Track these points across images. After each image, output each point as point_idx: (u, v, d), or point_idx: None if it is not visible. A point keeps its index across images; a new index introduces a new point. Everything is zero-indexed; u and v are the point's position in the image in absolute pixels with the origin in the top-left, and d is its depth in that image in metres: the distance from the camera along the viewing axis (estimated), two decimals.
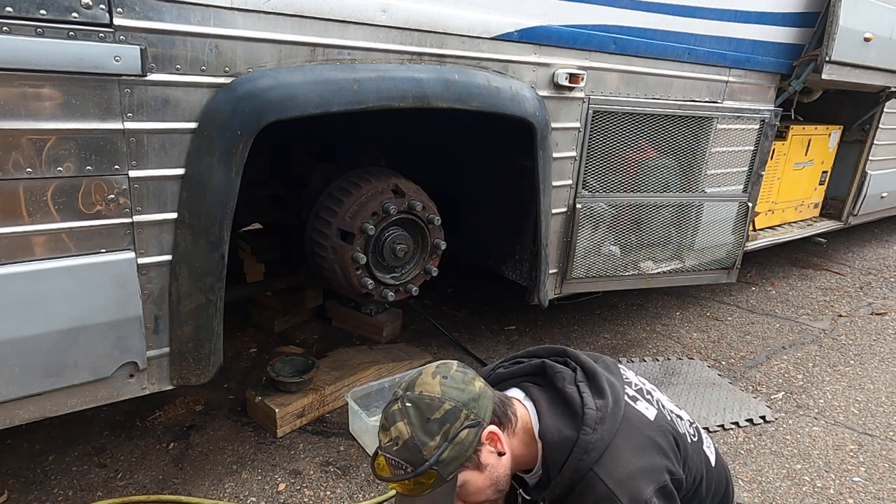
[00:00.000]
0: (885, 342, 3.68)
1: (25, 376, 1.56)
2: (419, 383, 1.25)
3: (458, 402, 1.21)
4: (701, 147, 3.08)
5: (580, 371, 1.35)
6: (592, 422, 1.25)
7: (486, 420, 1.24)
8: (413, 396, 1.23)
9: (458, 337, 3.31)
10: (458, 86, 2.10)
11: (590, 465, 1.22)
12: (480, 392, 1.25)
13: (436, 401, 1.21)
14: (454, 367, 1.29)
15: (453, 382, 1.24)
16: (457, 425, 1.20)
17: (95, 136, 1.51)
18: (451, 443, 1.19)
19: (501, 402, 1.30)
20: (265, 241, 3.15)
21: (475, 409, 1.22)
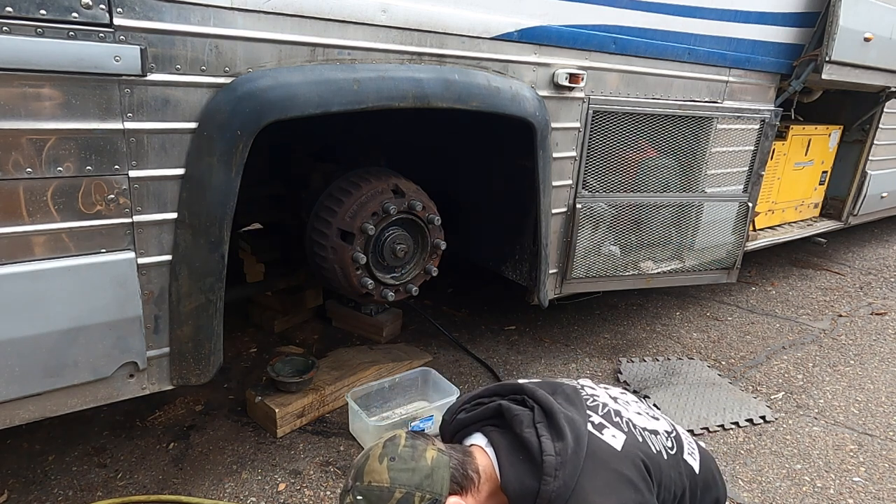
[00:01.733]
0: (885, 342, 3.68)
1: (25, 376, 1.56)
2: (367, 471, 1.19)
3: (409, 487, 1.17)
4: (701, 147, 3.08)
5: (538, 410, 1.31)
6: (552, 469, 1.21)
7: (445, 493, 1.20)
8: (363, 488, 1.18)
9: (458, 337, 3.31)
10: (458, 86, 2.10)
11: None
12: (433, 465, 1.20)
13: (385, 491, 1.17)
14: (402, 442, 1.22)
15: (402, 464, 1.18)
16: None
17: (95, 136, 1.51)
18: None
19: (461, 464, 1.24)
20: (265, 241, 3.15)
21: (430, 487, 1.18)
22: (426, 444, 1.23)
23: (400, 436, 1.24)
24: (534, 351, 3.28)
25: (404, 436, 1.24)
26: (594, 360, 3.24)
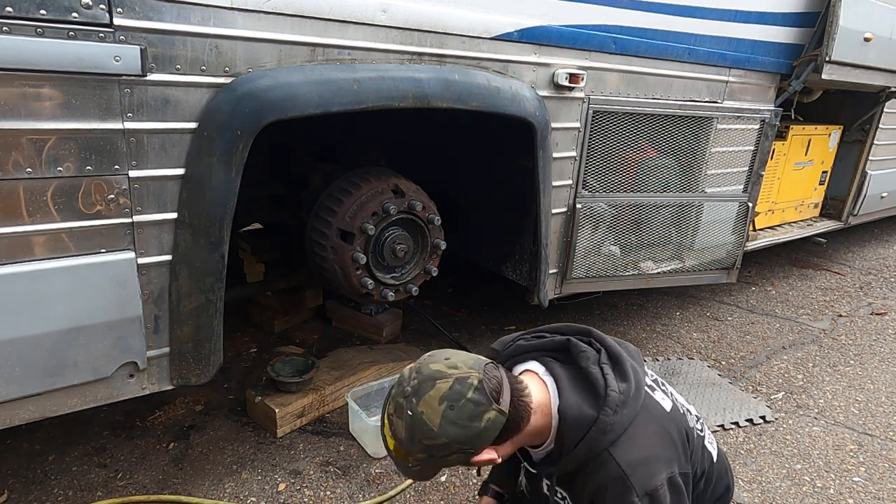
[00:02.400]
0: (885, 342, 3.68)
1: (25, 376, 1.56)
2: (424, 400, 1.17)
3: (452, 440, 1.16)
4: (701, 147, 3.08)
5: (604, 353, 1.33)
6: (614, 404, 1.23)
7: (483, 446, 1.20)
8: (415, 410, 1.17)
9: (458, 337, 3.31)
10: (458, 86, 2.10)
11: (606, 446, 1.21)
12: (486, 427, 1.17)
13: (430, 431, 1.16)
14: (469, 393, 1.16)
15: (457, 417, 1.15)
16: (445, 454, 1.19)
17: (95, 136, 1.51)
18: (437, 459, 1.20)
19: (515, 414, 1.22)
20: (265, 241, 3.15)
21: (471, 445, 1.18)
22: (489, 405, 1.17)
23: (472, 381, 1.17)
24: None
25: (475, 385, 1.17)
26: None
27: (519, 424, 1.23)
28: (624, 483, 1.18)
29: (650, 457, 1.22)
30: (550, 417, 1.28)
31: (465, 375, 1.17)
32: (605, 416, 1.22)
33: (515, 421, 1.22)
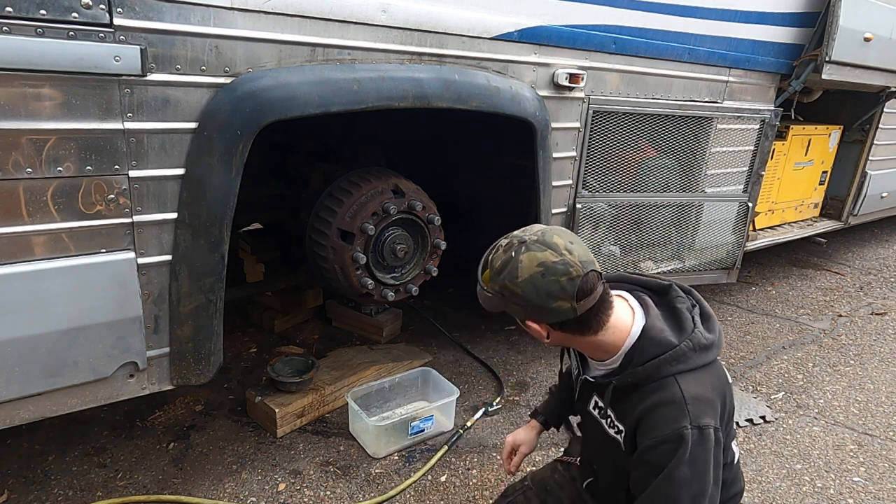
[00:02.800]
0: (885, 342, 3.68)
1: (25, 376, 1.56)
2: (530, 255, 1.22)
3: (522, 297, 1.23)
4: (701, 147, 3.08)
5: (699, 308, 1.36)
6: (696, 343, 1.26)
7: (541, 321, 1.26)
8: (517, 256, 1.23)
9: (458, 337, 3.31)
10: (458, 86, 2.10)
11: (673, 373, 1.24)
12: (553, 309, 1.22)
13: (514, 278, 1.23)
14: (563, 277, 1.20)
15: (540, 285, 1.21)
16: (512, 301, 1.25)
17: (95, 136, 1.51)
18: (505, 299, 1.26)
19: (587, 319, 1.26)
20: (265, 241, 3.15)
21: (533, 311, 1.25)
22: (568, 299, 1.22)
23: (572, 271, 1.21)
24: (534, 351, 3.27)
25: (571, 276, 1.21)
26: None
27: (582, 330, 1.28)
28: (681, 408, 1.20)
29: (710, 400, 1.24)
30: (625, 337, 1.30)
31: (570, 263, 1.21)
32: (685, 346, 1.25)
33: (580, 326, 1.27)
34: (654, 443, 1.21)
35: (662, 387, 1.24)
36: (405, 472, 2.30)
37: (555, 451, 2.44)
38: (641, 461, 1.24)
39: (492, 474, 2.31)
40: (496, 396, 2.79)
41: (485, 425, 2.61)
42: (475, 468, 2.34)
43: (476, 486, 2.24)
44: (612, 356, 1.32)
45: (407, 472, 2.29)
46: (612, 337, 1.30)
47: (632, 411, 1.27)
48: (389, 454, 2.38)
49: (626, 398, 1.29)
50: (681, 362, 1.25)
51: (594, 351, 1.34)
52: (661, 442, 1.20)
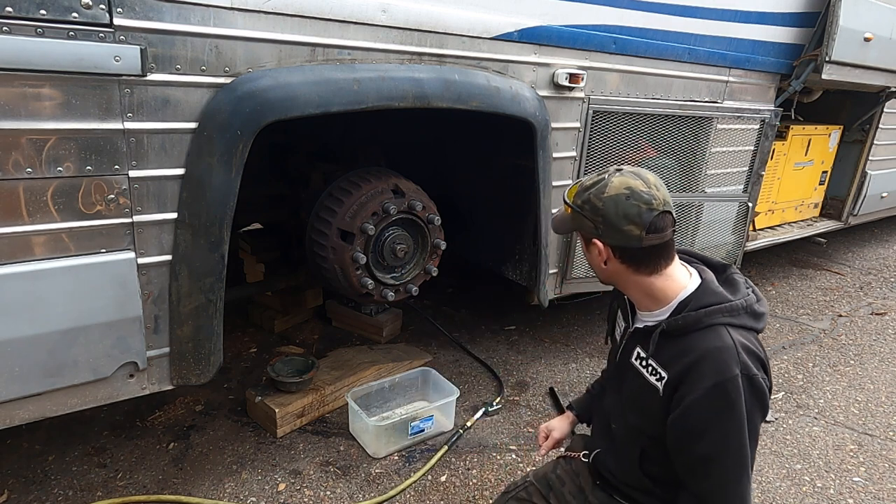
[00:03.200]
0: (885, 342, 3.68)
1: (25, 376, 1.56)
2: (623, 178, 1.29)
3: (602, 211, 1.29)
4: (701, 147, 3.08)
5: (753, 292, 1.37)
6: (749, 305, 1.30)
7: (607, 240, 1.31)
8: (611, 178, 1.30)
9: (458, 337, 3.31)
10: (458, 86, 2.10)
11: (725, 323, 1.25)
12: (623, 231, 1.28)
13: (601, 193, 1.29)
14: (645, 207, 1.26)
15: (621, 205, 1.27)
16: (588, 214, 1.31)
17: (95, 136, 1.51)
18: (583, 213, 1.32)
19: (647, 255, 1.30)
20: (265, 241, 3.15)
21: (604, 229, 1.30)
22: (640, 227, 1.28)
23: (654, 205, 1.27)
24: (534, 351, 3.27)
25: (652, 209, 1.26)
26: (594, 359, 3.24)
27: (639, 265, 1.32)
28: (732, 354, 1.21)
29: (759, 356, 1.25)
30: (679, 289, 1.33)
31: (655, 197, 1.28)
32: (740, 304, 1.28)
33: (640, 259, 1.31)
34: (703, 388, 1.21)
35: (713, 333, 1.24)
36: (405, 472, 2.30)
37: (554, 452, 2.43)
38: (688, 406, 1.23)
39: (492, 474, 2.31)
40: (496, 396, 2.79)
41: (485, 425, 2.61)
42: (475, 468, 2.34)
43: (476, 486, 2.24)
44: (663, 306, 1.34)
45: (407, 472, 2.30)
46: (666, 285, 1.33)
47: (679, 357, 1.27)
48: (389, 454, 2.38)
49: (672, 344, 1.29)
50: (734, 316, 1.27)
51: (644, 297, 1.36)
52: (711, 386, 1.20)
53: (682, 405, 1.24)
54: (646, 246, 1.28)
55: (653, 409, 1.31)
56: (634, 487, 1.44)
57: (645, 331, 1.37)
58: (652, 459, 1.38)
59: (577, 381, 3.01)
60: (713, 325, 1.25)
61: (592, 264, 1.40)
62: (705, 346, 1.23)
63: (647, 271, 1.32)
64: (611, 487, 1.51)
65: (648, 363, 1.34)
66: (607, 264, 1.35)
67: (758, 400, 1.22)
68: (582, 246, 1.42)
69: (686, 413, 1.23)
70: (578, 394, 2.89)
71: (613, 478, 1.49)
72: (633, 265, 1.32)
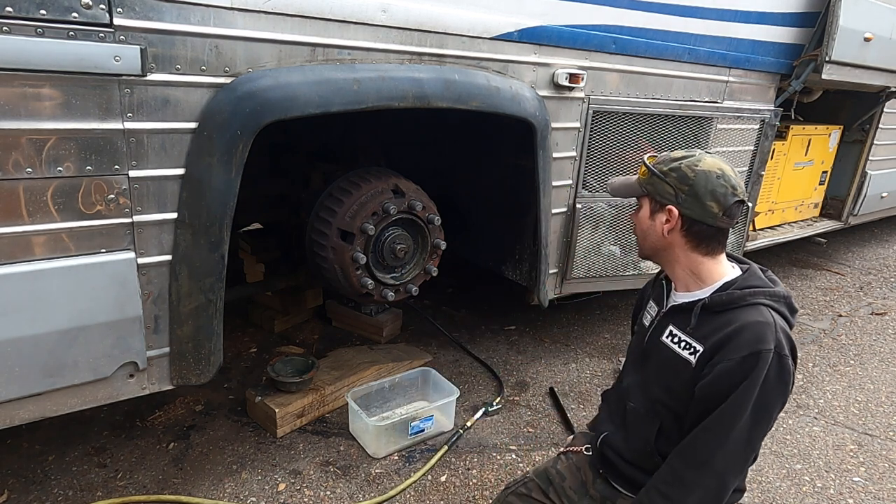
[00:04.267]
0: (885, 342, 3.68)
1: (25, 376, 1.56)
2: (720, 160, 1.37)
3: (692, 181, 1.34)
4: (701, 147, 3.08)
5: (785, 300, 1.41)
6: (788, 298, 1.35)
7: (684, 209, 1.36)
8: (706, 155, 1.38)
9: (458, 337, 3.31)
10: (458, 86, 2.10)
11: (768, 304, 1.31)
12: (700, 206, 1.34)
13: (694, 165, 1.35)
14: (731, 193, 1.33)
15: (710, 182, 1.33)
16: (673, 181, 1.36)
17: (95, 136, 1.51)
18: (665, 178, 1.37)
19: (711, 237, 1.37)
20: (265, 241, 3.15)
21: (685, 199, 1.35)
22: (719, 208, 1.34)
23: (738, 196, 1.34)
24: (534, 351, 3.27)
25: (737, 198, 1.34)
26: (594, 359, 3.24)
27: (701, 243, 1.38)
28: (771, 330, 1.26)
29: (794, 343, 1.30)
30: (723, 273, 1.39)
31: (739, 185, 1.36)
32: (782, 292, 1.34)
33: (703, 235, 1.37)
34: (738, 357, 1.25)
35: (756, 310, 1.29)
36: (405, 472, 2.30)
37: (554, 451, 2.43)
38: (719, 373, 1.27)
39: (492, 474, 2.31)
40: (496, 396, 2.79)
41: (485, 425, 2.61)
42: (475, 468, 2.34)
43: (476, 486, 2.24)
44: (705, 287, 1.39)
45: (407, 472, 2.30)
46: (713, 268, 1.39)
47: (718, 330, 1.31)
48: (389, 454, 2.38)
49: (712, 318, 1.33)
50: (776, 302, 1.32)
51: (689, 275, 1.42)
52: (746, 355, 1.24)
53: (713, 372, 1.28)
54: (717, 226, 1.35)
55: (681, 381, 1.36)
56: (641, 468, 1.45)
57: (682, 307, 1.42)
58: (667, 437, 1.40)
59: (577, 381, 3.01)
60: (756, 303, 1.31)
61: (647, 232, 1.44)
62: (747, 319, 1.28)
63: (703, 251, 1.38)
64: (615, 474, 1.52)
65: (682, 339, 1.38)
66: (668, 234, 1.39)
67: (782, 382, 1.26)
68: (639, 212, 1.46)
69: (716, 379, 1.28)
70: (578, 394, 2.90)
71: (620, 459, 1.50)
72: (694, 241, 1.38)
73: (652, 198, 1.42)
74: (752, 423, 1.27)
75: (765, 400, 1.26)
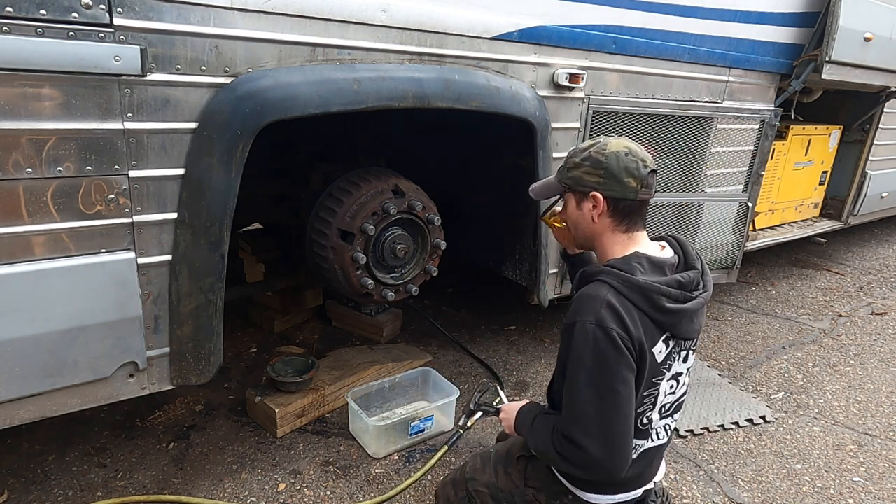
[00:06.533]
0: (885, 342, 3.68)
1: (25, 376, 1.56)
2: (624, 140, 1.48)
3: (603, 165, 1.45)
4: (701, 147, 3.08)
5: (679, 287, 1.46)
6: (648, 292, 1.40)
7: (603, 190, 1.46)
8: (610, 138, 1.49)
9: (458, 337, 3.31)
10: (458, 86, 2.10)
11: (610, 283, 1.40)
12: (620, 183, 1.44)
13: (603, 150, 1.46)
14: (640, 165, 1.44)
15: (622, 160, 1.44)
16: (587, 169, 1.47)
17: (95, 136, 1.51)
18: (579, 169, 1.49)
19: (630, 211, 1.48)
20: (265, 241, 3.15)
21: (604, 180, 1.45)
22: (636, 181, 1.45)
23: (648, 166, 1.45)
24: (534, 351, 3.27)
25: (646, 167, 1.45)
26: None
27: (622, 218, 1.49)
28: (595, 302, 1.37)
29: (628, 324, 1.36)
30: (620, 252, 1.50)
31: (647, 159, 1.47)
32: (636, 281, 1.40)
33: (627, 211, 1.48)
34: (564, 324, 1.43)
35: (595, 284, 1.42)
36: (405, 472, 2.30)
37: None
38: (560, 334, 1.47)
39: None
40: (495, 397, 2.79)
41: (485, 425, 2.61)
42: None
43: None
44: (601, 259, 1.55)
45: (407, 472, 2.30)
46: (624, 249, 1.49)
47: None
48: (389, 454, 2.38)
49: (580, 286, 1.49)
50: (623, 285, 1.39)
51: (602, 255, 1.54)
52: (567, 324, 1.41)
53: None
54: (639, 199, 1.46)
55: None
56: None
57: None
58: (555, 386, 1.59)
59: None
60: (600, 280, 1.42)
61: (578, 222, 1.55)
62: (585, 290, 1.42)
63: (625, 228, 1.50)
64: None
65: None
66: (598, 219, 1.50)
67: (599, 351, 1.34)
68: (566, 209, 1.58)
69: (560, 345, 1.47)
70: None
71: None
72: (618, 219, 1.49)
73: (574, 190, 1.52)
74: (589, 388, 1.36)
75: (590, 367, 1.36)
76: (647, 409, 1.49)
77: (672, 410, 1.59)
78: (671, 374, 1.52)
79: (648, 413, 1.49)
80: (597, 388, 1.36)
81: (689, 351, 1.56)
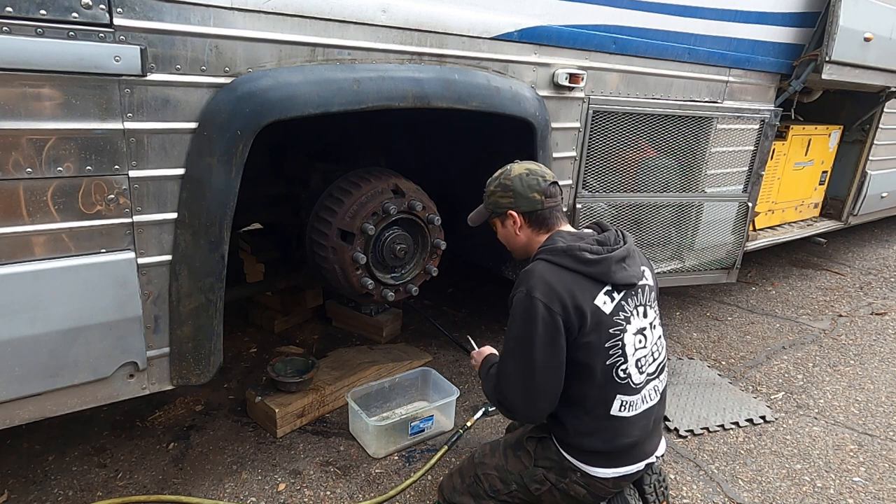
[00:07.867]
0: (885, 342, 3.68)
1: (25, 376, 1.56)
2: (523, 164, 1.83)
3: (511, 188, 1.79)
4: (701, 147, 3.08)
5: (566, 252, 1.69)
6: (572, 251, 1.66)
7: (518, 208, 1.79)
8: (512, 166, 1.84)
9: (458, 337, 3.31)
10: (458, 86, 2.10)
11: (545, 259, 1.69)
12: (529, 199, 1.77)
13: (508, 175, 1.81)
14: (542, 181, 1.77)
15: (525, 181, 1.77)
16: (502, 194, 1.82)
17: (95, 136, 1.51)
18: (496, 196, 1.84)
19: (544, 219, 1.79)
20: (265, 241, 3.15)
21: (515, 200, 1.78)
22: (541, 194, 1.77)
23: (548, 178, 1.79)
24: None
25: (548, 181, 1.78)
26: None
27: (539, 224, 1.80)
28: (529, 276, 1.66)
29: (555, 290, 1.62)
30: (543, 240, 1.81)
31: (545, 172, 1.81)
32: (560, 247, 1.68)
33: (541, 219, 1.79)
34: (510, 299, 1.68)
35: (533, 263, 1.69)
36: (405, 472, 2.30)
37: None
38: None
39: None
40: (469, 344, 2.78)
41: (485, 425, 2.61)
42: None
43: None
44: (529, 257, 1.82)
45: (407, 472, 2.30)
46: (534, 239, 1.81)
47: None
48: (389, 454, 2.38)
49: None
50: (552, 255, 1.67)
51: (522, 248, 1.86)
52: (512, 298, 1.67)
53: None
54: (546, 207, 1.77)
55: None
56: None
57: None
58: None
59: None
60: (537, 258, 1.71)
61: (509, 238, 1.87)
62: (524, 269, 1.69)
63: (546, 230, 1.79)
64: None
65: None
66: (520, 231, 1.81)
67: (529, 316, 1.59)
68: (498, 230, 1.90)
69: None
70: None
71: None
72: (535, 227, 1.80)
73: (497, 214, 1.84)
74: (515, 348, 1.64)
75: (518, 327, 1.63)
76: (619, 361, 1.68)
77: (655, 370, 1.79)
78: (635, 329, 1.72)
79: (622, 365, 1.68)
80: (520, 347, 1.62)
81: (645, 306, 1.78)
